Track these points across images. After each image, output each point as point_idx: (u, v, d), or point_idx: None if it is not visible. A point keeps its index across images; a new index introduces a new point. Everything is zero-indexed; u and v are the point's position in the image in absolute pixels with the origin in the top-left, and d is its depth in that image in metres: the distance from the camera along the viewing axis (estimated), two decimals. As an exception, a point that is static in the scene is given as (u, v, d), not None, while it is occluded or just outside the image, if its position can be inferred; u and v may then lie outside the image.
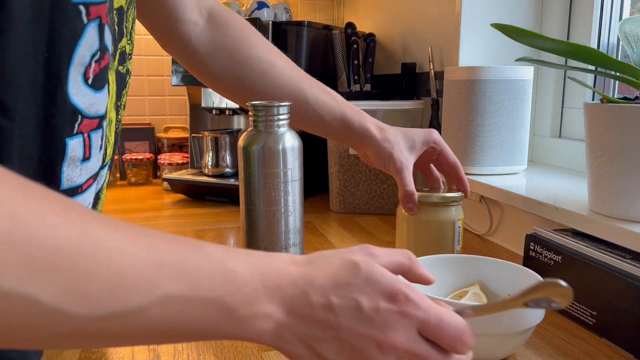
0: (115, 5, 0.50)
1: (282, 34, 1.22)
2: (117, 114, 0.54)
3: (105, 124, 0.49)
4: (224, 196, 1.25)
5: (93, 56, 0.44)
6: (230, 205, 1.22)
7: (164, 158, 1.44)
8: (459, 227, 0.78)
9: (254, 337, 0.36)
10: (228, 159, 1.26)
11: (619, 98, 0.63)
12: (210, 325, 0.34)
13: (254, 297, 0.35)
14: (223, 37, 0.70)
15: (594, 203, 0.64)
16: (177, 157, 1.45)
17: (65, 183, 0.45)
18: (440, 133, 1.06)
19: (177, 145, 1.60)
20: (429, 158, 0.75)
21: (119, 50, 0.52)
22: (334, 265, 0.38)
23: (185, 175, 1.30)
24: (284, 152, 0.63)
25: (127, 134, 1.56)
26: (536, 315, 0.51)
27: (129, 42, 0.54)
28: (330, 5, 1.77)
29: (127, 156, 1.47)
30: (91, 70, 0.44)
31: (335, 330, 0.36)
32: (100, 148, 0.49)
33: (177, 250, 0.33)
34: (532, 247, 0.68)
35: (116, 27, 0.50)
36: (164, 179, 1.34)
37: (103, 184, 0.54)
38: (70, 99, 0.44)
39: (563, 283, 0.38)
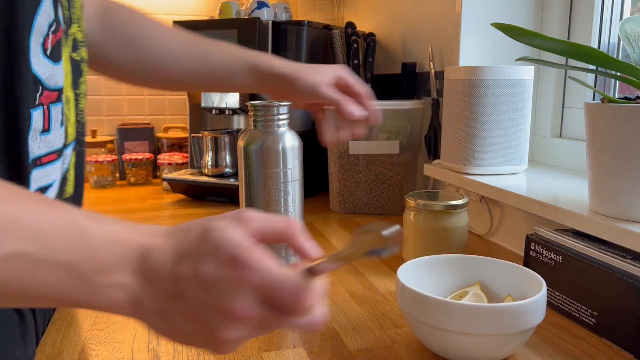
0: None
1: (282, 34, 1.22)
2: (77, 101, 0.55)
3: (63, 99, 0.49)
4: (223, 196, 1.25)
5: (50, 26, 0.45)
6: (230, 205, 1.22)
7: (164, 158, 1.44)
8: (466, 233, 0.79)
9: (108, 307, 0.35)
10: (228, 159, 1.26)
11: (619, 98, 0.62)
12: (62, 290, 0.33)
13: (109, 265, 0.34)
14: (112, 24, 0.70)
15: (594, 203, 0.64)
16: (177, 157, 1.45)
17: (30, 154, 0.46)
18: (440, 133, 1.06)
19: (177, 145, 1.60)
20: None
21: (71, 35, 0.52)
22: (190, 234, 0.36)
23: (185, 175, 1.30)
24: (284, 152, 0.63)
25: (126, 134, 1.56)
26: (536, 315, 0.51)
27: (79, 29, 0.55)
28: (330, 5, 1.77)
29: (127, 156, 1.47)
30: (49, 41, 0.45)
31: (184, 302, 0.35)
32: (61, 124, 0.49)
33: (39, 210, 0.33)
34: (532, 247, 0.68)
35: (67, 11, 0.51)
36: (164, 179, 1.34)
37: (69, 165, 0.54)
38: (32, 69, 0.44)
39: (387, 231, 0.38)
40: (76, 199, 0.60)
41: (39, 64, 0.45)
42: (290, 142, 0.64)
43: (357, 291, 0.72)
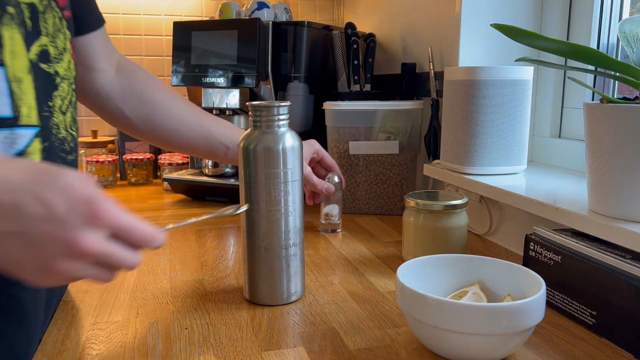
0: (25, 0, 0.54)
1: (282, 34, 1.22)
2: (52, 113, 0.58)
3: (6, 69, 0.51)
4: (224, 196, 1.25)
5: None
6: (230, 205, 1.22)
7: (164, 158, 1.45)
8: (465, 233, 0.79)
9: None
10: (228, 159, 1.26)
11: (618, 98, 0.63)
12: None
13: None
14: (131, 83, 0.80)
15: (594, 203, 0.64)
16: (177, 157, 1.45)
17: None
18: (440, 133, 1.07)
19: (177, 146, 1.60)
20: (312, 163, 0.95)
21: (39, 46, 0.56)
22: (39, 167, 0.42)
23: (185, 175, 1.30)
24: (284, 152, 0.63)
25: (127, 134, 1.56)
26: (536, 315, 0.51)
27: (52, 44, 0.59)
28: (330, 5, 1.77)
29: (128, 156, 1.47)
30: None
31: (22, 225, 0.39)
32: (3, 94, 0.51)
33: None
34: (532, 247, 0.69)
35: (28, 21, 0.54)
36: (164, 179, 1.34)
37: (25, 150, 0.54)
38: None
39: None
40: None
41: None
42: (290, 142, 0.64)
43: (357, 291, 0.72)
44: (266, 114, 0.64)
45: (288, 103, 0.65)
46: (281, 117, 0.64)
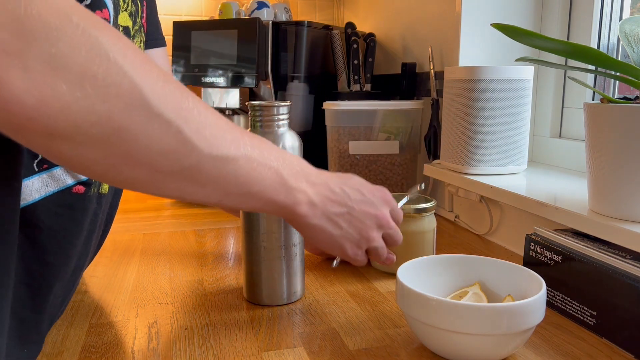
0: (121, 23, 0.56)
1: (282, 34, 1.22)
2: None
3: None
4: (224, 196, 1.25)
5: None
6: (230, 205, 1.22)
7: (164, 158, 1.44)
8: (433, 236, 0.78)
9: (294, 206, 0.51)
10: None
11: (619, 98, 0.62)
12: (269, 187, 0.48)
13: (297, 175, 0.51)
14: None
15: (594, 203, 0.64)
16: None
17: None
18: (440, 133, 1.06)
19: (177, 145, 1.60)
20: None
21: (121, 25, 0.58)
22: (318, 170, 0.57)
23: (185, 175, 1.30)
24: None
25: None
26: (536, 315, 0.51)
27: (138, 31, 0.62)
28: (330, 5, 1.77)
29: (127, 156, 1.47)
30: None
31: (348, 207, 0.55)
32: None
33: (245, 131, 0.49)
34: (532, 247, 0.68)
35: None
36: (164, 179, 1.34)
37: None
38: None
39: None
40: (114, 198, 0.65)
41: None
42: (290, 142, 0.64)
43: (357, 291, 0.72)
44: (266, 113, 0.64)
45: (288, 103, 0.65)
46: (281, 117, 0.64)
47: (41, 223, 0.50)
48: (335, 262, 0.66)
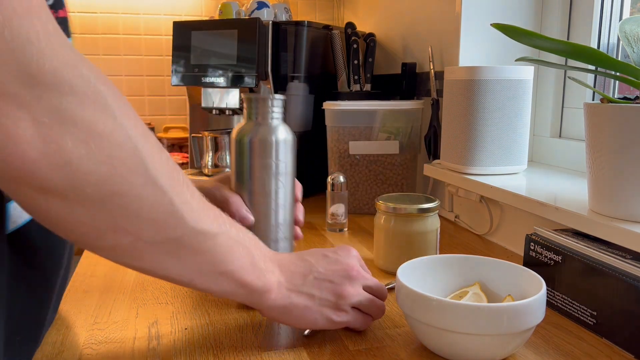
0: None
1: (282, 34, 1.22)
2: None
3: None
4: (224, 196, 1.25)
5: None
6: (230, 205, 1.22)
7: (164, 158, 1.44)
8: (437, 236, 0.78)
9: (266, 286, 0.50)
10: (228, 159, 1.26)
11: (619, 98, 0.62)
12: (244, 267, 0.48)
13: (265, 256, 0.51)
14: None
15: (594, 203, 0.64)
16: (177, 157, 1.45)
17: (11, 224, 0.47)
18: (440, 133, 1.06)
19: (177, 145, 1.60)
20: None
21: None
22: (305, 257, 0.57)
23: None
24: (277, 144, 0.63)
25: (127, 134, 1.56)
26: (536, 315, 0.51)
27: None
28: (330, 5, 1.77)
29: (127, 156, 1.47)
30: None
31: (313, 272, 0.54)
32: None
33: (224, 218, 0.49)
34: (532, 247, 0.68)
35: None
36: (164, 179, 1.34)
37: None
38: None
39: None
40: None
41: None
42: (283, 135, 0.64)
43: (357, 291, 0.72)
44: (260, 105, 0.64)
45: (283, 97, 0.65)
46: (275, 109, 0.64)
47: (36, 243, 0.49)
48: (307, 330, 0.59)
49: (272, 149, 0.63)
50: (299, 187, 0.70)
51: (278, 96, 0.64)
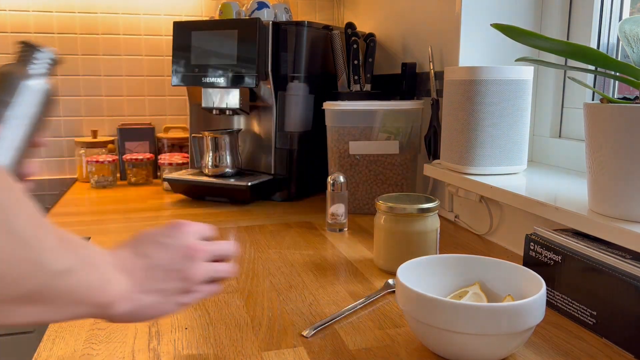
0: None
1: (282, 34, 1.22)
2: None
3: None
4: (223, 196, 1.25)
5: None
6: (230, 205, 1.22)
7: (164, 158, 1.44)
8: (436, 236, 0.78)
9: (113, 298, 0.45)
10: (228, 159, 1.26)
11: (618, 98, 0.63)
12: (96, 287, 0.44)
13: (108, 263, 0.47)
14: None
15: (594, 203, 0.64)
16: (177, 157, 1.45)
17: None
18: (440, 133, 1.07)
19: (177, 145, 1.60)
20: None
21: None
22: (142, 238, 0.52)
23: (185, 175, 1.30)
24: (18, 85, 0.61)
25: (127, 134, 1.56)
26: (536, 315, 0.51)
27: None
28: (330, 5, 1.77)
29: (127, 156, 1.47)
30: None
31: (156, 267, 0.50)
32: None
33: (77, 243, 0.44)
34: (532, 247, 0.69)
35: None
36: (164, 179, 1.34)
37: None
38: None
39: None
40: None
41: None
42: (35, 83, 0.62)
43: (357, 291, 0.72)
44: (26, 51, 0.63)
45: (53, 53, 0.63)
46: (36, 60, 0.63)
47: None
48: (307, 330, 0.60)
49: (11, 86, 0.61)
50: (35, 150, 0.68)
51: (48, 49, 0.63)
